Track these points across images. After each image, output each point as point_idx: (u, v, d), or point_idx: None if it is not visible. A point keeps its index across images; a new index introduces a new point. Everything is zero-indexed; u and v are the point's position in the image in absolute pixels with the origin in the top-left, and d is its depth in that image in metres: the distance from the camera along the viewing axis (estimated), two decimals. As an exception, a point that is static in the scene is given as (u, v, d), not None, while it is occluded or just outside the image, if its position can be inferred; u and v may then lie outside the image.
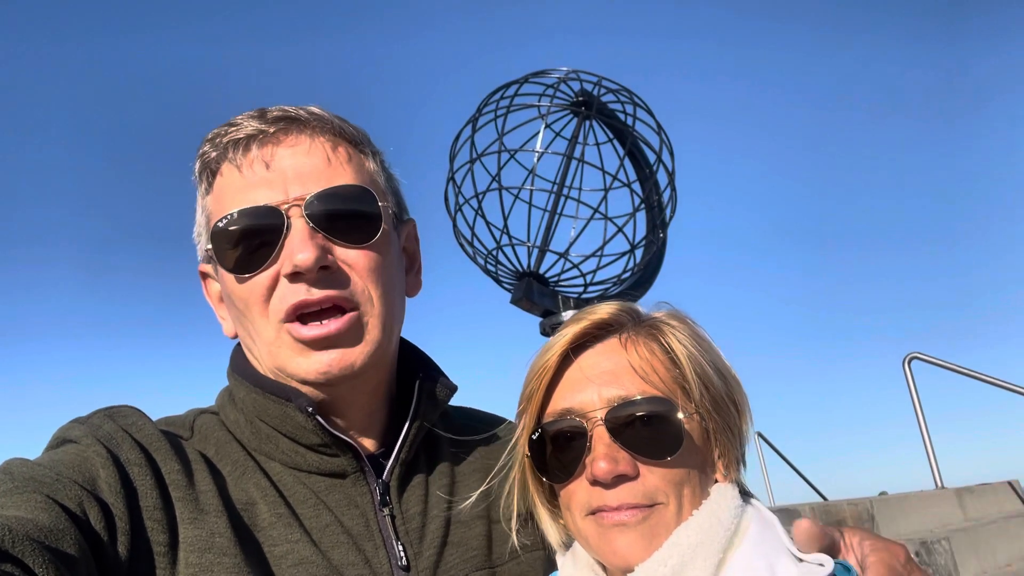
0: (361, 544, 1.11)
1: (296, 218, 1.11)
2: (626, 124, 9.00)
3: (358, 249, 1.14)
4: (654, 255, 9.05)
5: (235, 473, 1.13)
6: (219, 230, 1.13)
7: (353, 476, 1.16)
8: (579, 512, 1.06)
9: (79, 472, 0.98)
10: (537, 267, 8.56)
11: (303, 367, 1.12)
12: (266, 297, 1.13)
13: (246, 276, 1.13)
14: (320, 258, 1.09)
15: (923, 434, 7.88)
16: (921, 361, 7.82)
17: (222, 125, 1.19)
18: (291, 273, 1.10)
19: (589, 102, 8.80)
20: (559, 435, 1.07)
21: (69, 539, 0.86)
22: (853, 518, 5.13)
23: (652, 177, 8.95)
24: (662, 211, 8.99)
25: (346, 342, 1.13)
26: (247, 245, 1.12)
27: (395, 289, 1.21)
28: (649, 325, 1.11)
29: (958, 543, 4.94)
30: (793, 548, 0.99)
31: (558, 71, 8.82)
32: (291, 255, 1.09)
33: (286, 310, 1.11)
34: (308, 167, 1.14)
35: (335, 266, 1.12)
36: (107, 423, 1.08)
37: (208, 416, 1.22)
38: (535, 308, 8.36)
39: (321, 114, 1.20)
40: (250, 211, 1.11)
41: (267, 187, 1.12)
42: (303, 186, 1.12)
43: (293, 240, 1.10)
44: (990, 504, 6.96)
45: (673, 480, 1.03)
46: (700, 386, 1.05)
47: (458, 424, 1.38)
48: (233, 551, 1.01)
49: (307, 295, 1.10)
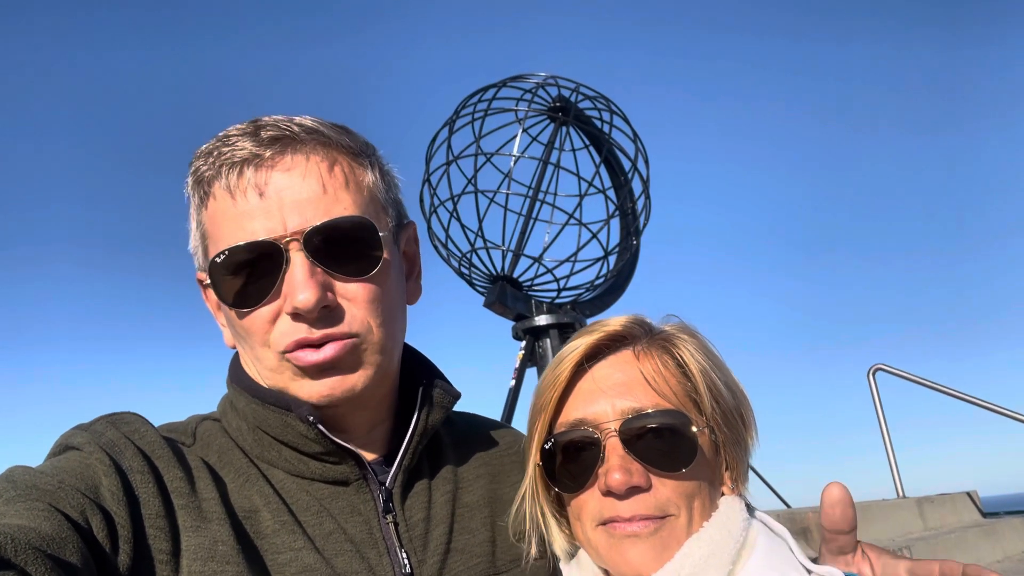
0: (365, 552, 1.10)
1: (295, 252, 1.08)
2: (602, 131, 9.07)
3: (358, 282, 1.12)
4: (627, 262, 9.12)
5: (238, 480, 1.11)
6: (216, 265, 1.11)
7: (356, 483, 1.16)
8: (590, 522, 1.06)
9: (81, 480, 0.96)
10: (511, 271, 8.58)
11: (304, 391, 1.11)
12: (267, 330, 1.11)
13: (245, 311, 1.11)
14: (321, 299, 1.07)
15: (886, 444, 8.05)
16: (886, 372, 7.99)
17: (215, 140, 1.16)
18: (292, 312, 1.09)
19: (566, 108, 8.85)
20: (571, 445, 1.07)
21: (71, 547, 0.85)
22: (816, 525, 5.22)
23: (627, 184, 9.02)
24: (636, 218, 9.06)
25: (346, 368, 1.12)
26: (245, 281, 1.10)
27: (396, 312, 1.20)
28: (662, 338, 1.12)
29: (919, 551, 5.05)
30: (803, 559, 1.01)
31: (536, 76, 8.85)
32: (292, 294, 1.07)
33: (286, 345, 1.10)
34: (305, 194, 1.11)
35: (335, 303, 1.10)
36: (110, 430, 1.07)
37: (210, 423, 1.20)
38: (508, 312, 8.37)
39: (316, 127, 1.16)
40: (248, 247, 1.09)
41: (264, 217, 1.09)
42: (301, 216, 1.09)
43: (294, 277, 1.08)
44: (949, 514, 7.12)
45: (685, 492, 1.04)
46: (711, 400, 1.07)
47: (461, 430, 1.38)
48: (236, 559, 1.00)
49: (308, 334, 1.09)
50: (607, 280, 9.02)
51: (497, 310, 8.32)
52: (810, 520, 5.20)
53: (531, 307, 8.37)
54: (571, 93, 8.89)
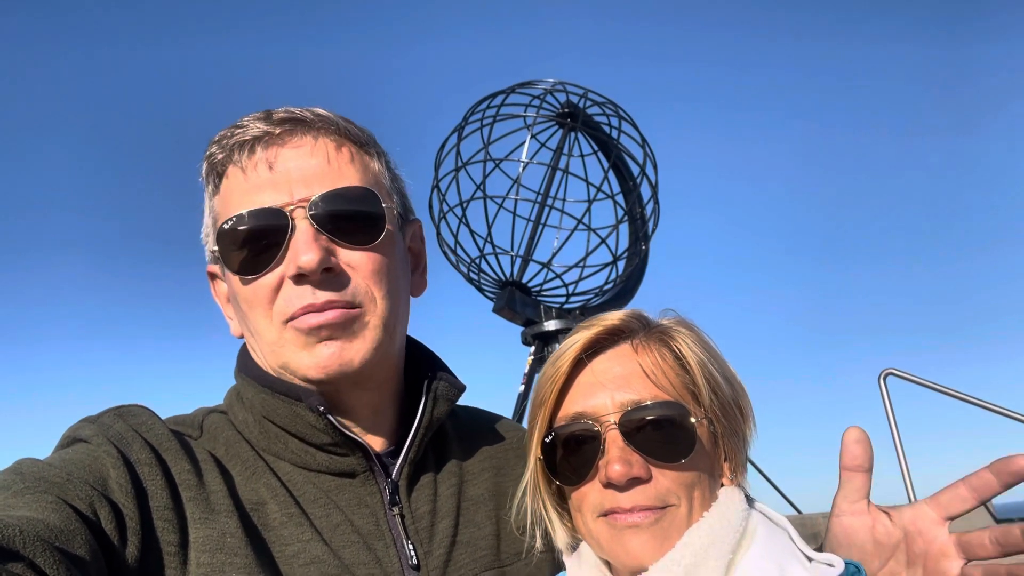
0: (372, 544, 1.12)
1: (300, 219, 1.11)
2: (611, 137, 9.08)
3: (362, 250, 1.15)
4: (636, 267, 9.12)
5: (245, 473, 1.13)
6: (224, 232, 1.14)
7: (363, 475, 1.17)
8: (591, 514, 1.07)
9: (90, 472, 0.97)
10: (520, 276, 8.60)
11: (304, 362, 1.13)
12: (271, 299, 1.13)
13: (251, 278, 1.14)
14: (324, 260, 1.09)
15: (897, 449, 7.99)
16: (896, 377, 7.94)
17: (228, 127, 1.19)
18: (295, 275, 1.11)
19: (575, 114, 8.87)
20: (572, 438, 1.09)
21: (80, 540, 0.86)
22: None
23: (636, 190, 9.03)
24: (645, 223, 9.06)
25: (344, 336, 1.13)
26: (252, 247, 1.13)
27: (399, 290, 1.22)
28: (659, 331, 1.13)
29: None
30: (804, 548, 1.02)
31: (545, 82, 8.88)
32: (295, 257, 1.10)
33: (290, 312, 1.11)
34: (312, 168, 1.14)
35: (338, 268, 1.13)
36: (117, 422, 1.08)
37: (217, 415, 1.22)
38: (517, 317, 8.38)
39: (326, 115, 1.21)
40: (255, 213, 1.12)
41: (272, 189, 1.13)
42: (307, 187, 1.13)
43: (297, 242, 1.11)
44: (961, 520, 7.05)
45: (684, 483, 1.05)
46: (709, 391, 1.08)
47: (466, 423, 1.40)
48: (244, 551, 1.02)
49: (312, 298, 1.10)
50: (616, 285, 9.02)
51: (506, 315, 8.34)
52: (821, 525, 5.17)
53: (540, 312, 8.38)
54: (579, 99, 8.91)
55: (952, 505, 1.04)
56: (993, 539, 0.99)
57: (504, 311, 8.35)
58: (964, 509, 1.04)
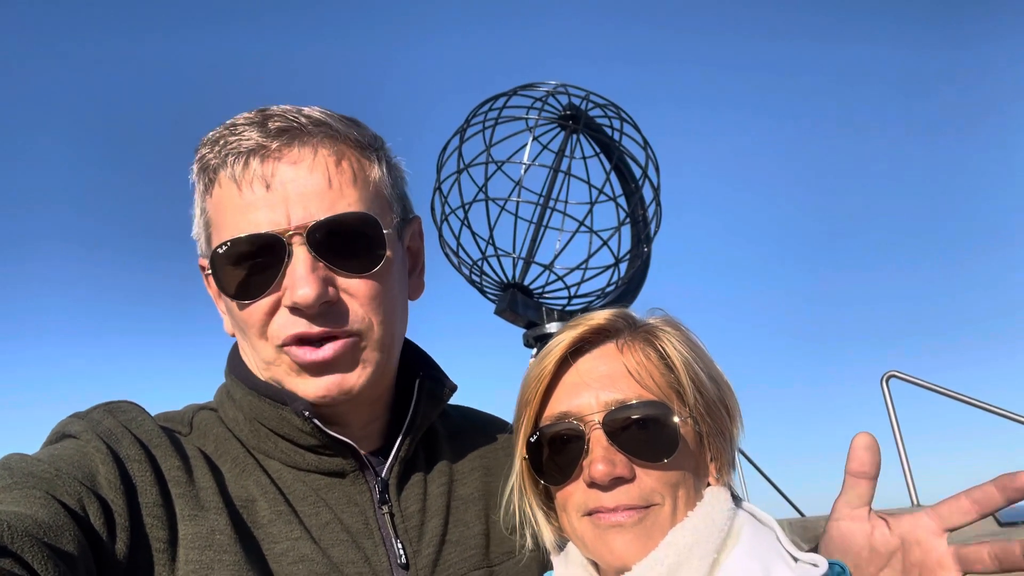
0: (361, 542, 1.12)
1: (298, 246, 1.08)
2: (613, 139, 9.07)
3: (360, 278, 1.12)
4: (638, 269, 9.10)
5: (234, 470, 1.13)
6: (219, 256, 1.11)
7: (352, 475, 1.17)
8: (575, 513, 1.08)
9: (78, 468, 0.97)
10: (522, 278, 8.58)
11: (300, 389, 1.12)
12: (265, 322, 1.11)
13: (246, 302, 1.11)
14: (322, 294, 1.07)
15: (900, 452, 7.96)
16: (899, 379, 7.91)
17: (222, 127, 1.15)
18: (292, 306, 1.09)
19: (577, 116, 8.86)
20: (556, 438, 1.09)
21: (68, 535, 0.86)
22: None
23: (638, 192, 9.01)
24: (647, 226, 9.05)
25: (344, 367, 1.12)
26: (247, 272, 1.10)
27: (397, 310, 1.20)
28: (645, 331, 1.14)
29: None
30: (790, 548, 1.02)
31: (546, 84, 8.87)
32: (293, 288, 1.07)
33: (283, 339, 1.10)
34: (311, 188, 1.10)
35: (336, 298, 1.10)
36: (107, 418, 1.08)
37: (207, 413, 1.22)
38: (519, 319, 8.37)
39: (324, 120, 1.15)
40: (251, 239, 1.08)
41: (268, 209, 1.09)
42: (305, 210, 1.09)
43: (295, 271, 1.07)
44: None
45: (668, 482, 1.05)
46: (694, 391, 1.08)
47: (457, 423, 1.40)
48: (233, 548, 1.01)
49: (307, 329, 1.09)
50: (618, 287, 9.01)
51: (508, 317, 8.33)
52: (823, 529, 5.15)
53: (542, 315, 8.37)
54: (581, 101, 8.91)
55: (953, 517, 1.04)
56: (992, 555, 0.98)
57: (506, 313, 8.33)
58: (964, 521, 1.03)
